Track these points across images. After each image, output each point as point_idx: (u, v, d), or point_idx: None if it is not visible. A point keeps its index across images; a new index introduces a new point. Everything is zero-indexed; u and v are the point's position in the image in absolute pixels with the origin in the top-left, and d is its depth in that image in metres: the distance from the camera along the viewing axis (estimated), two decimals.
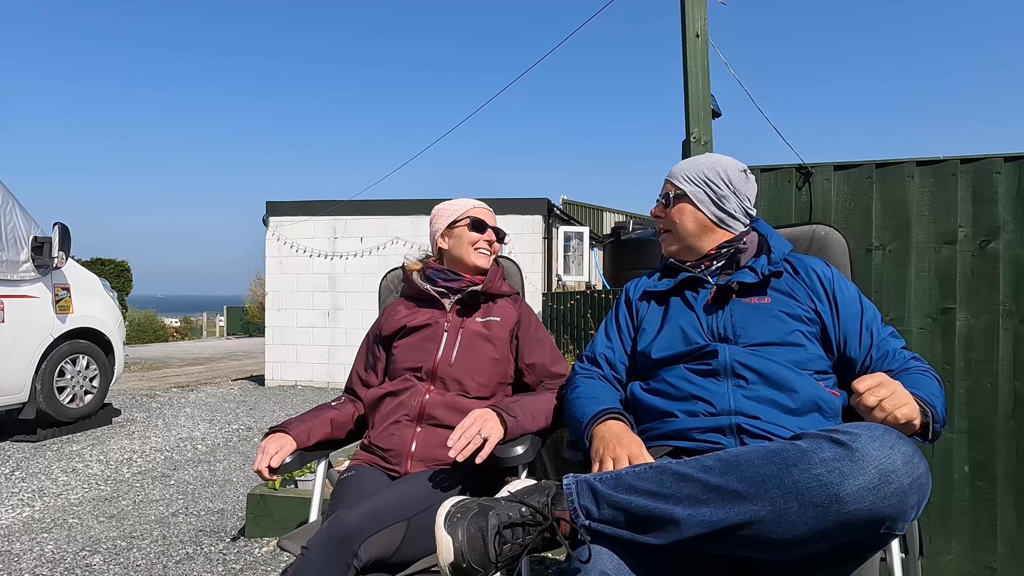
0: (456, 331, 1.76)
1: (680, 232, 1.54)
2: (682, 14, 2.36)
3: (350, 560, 1.26)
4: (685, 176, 1.54)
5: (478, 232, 1.83)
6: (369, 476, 1.62)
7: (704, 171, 1.53)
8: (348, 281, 8.92)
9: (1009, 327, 2.10)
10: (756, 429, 1.26)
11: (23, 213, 4.99)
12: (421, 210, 8.69)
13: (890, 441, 0.92)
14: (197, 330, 24.19)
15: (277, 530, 3.01)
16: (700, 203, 1.51)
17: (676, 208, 1.54)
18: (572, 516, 1.05)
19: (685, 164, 1.57)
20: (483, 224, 1.84)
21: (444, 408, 1.67)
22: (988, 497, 2.13)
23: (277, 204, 9.13)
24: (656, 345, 1.46)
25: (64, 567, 2.73)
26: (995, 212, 2.11)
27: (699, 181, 1.52)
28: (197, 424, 5.93)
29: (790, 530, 0.92)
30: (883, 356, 1.37)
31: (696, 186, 1.52)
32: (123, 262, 17.54)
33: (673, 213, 1.54)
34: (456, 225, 1.84)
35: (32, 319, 5.01)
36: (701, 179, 1.52)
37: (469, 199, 1.90)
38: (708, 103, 2.34)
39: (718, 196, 1.51)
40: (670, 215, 1.55)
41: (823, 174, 2.27)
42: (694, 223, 1.52)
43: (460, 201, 1.88)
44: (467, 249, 1.82)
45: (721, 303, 1.44)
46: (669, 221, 1.56)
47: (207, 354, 13.99)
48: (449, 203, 1.88)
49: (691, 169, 1.54)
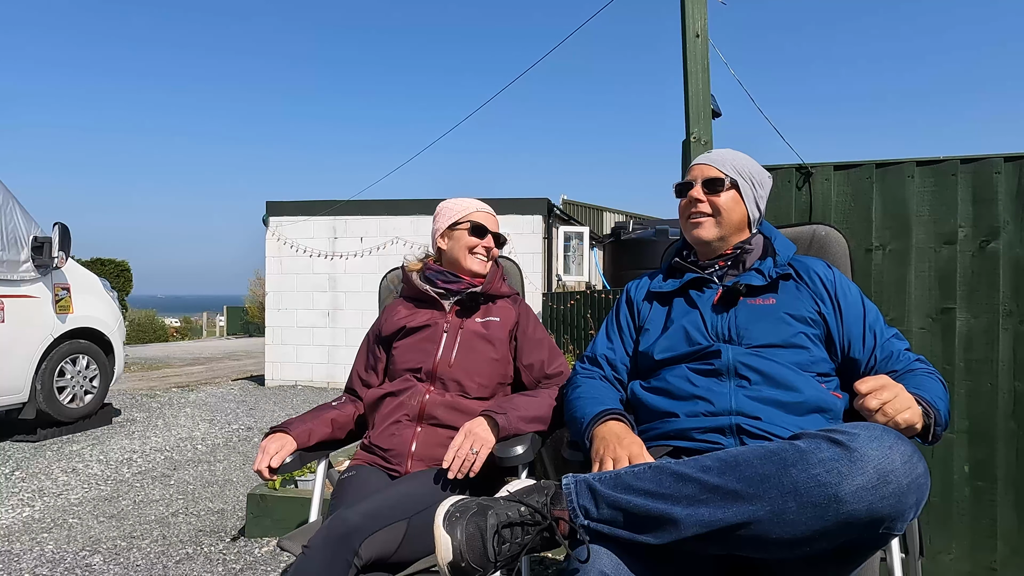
0: (455, 332, 1.76)
1: (725, 221, 1.48)
2: (682, 14, 2.36)
3: (350, 559, 1.26)
4: (735, 168, 1.50)
5: (477, 237, 1.82)
6: (369, 476, 1.62)
7: (750, 169, 1.51)
8: (348, 281, 8.92)
9: (1009, 327, 2.10)
10: (756, 430, 1.26)
11: (23, 213, 4.99)
12: (421, 210, 8.69)
13: (888, 441, 0.92)
14: (197, 330, 24.20)
15: (277, 530, 3.01)
16: (747, 198, 1.50)
17: (729, 195, 1.48)
18: (571, 516, 1.05)
19: (729, 155, 1.52)
20: (484, 229, 1.82)
21: (444, 408, 1.67)
22: (988, 497, 2.12)
23: (277, 204, 9.12)
24: (659, 346, 1.46)
25: (64, 567, 2.73)
26: (995, 212, 2.11)
27: (747, 177, 1.50)
28: (197, 424, 5.93)
29: (789, 530, 0.92)
30: (887, 357, 1.37)
31: (746, 181, 1.50)
32: (123, 262, 17.55)
33: (723, 200, 1.48)
34: (457, 227, 1.83)
35: (32, 319, 5.01)
36: (748, 175, 1.50)
37: (475, 200, 1.87)
38: (708, 103, 2.34)
39: (758, 197, 1.51)
40: (719, 201, 1.48)
41: (823, 174, 2.27)
42: (739, 217, 1.49)
43: (465, 202, 1.86)
44: (464, 253, 1.81)
45: (727, 305, 1.44)
46: (716, 207, 1.48)
47: (207, 354, 13.99)
48: (454, 202, 1.87)
49: (738, 161, 1.51)
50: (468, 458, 1.49)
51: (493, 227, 1.86)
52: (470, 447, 1.50)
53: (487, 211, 1.88)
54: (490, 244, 1.84)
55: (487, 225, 1.84)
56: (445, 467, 1.49)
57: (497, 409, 1.57)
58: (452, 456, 1.49)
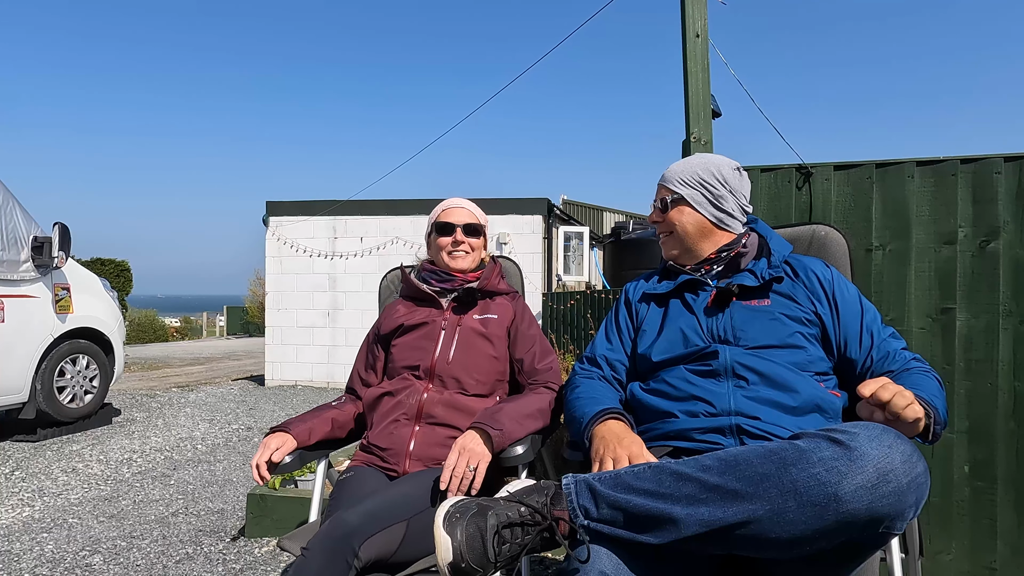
0: (453, 329, 1.77)
1: (680, 234, 1.52)
2: (682, 14, 2.36)
3: (350, 560, 1.26)
4: (679, 179, 1.52)
5: (445, 235, 1.82)
6: (367, 477, 1.62)
7: (698, 172, 1.51)
8: (348, 281, 8.92)
9: (1009, 327, 2.10)
10: (756, 430, 1.26)
11: (23, 213, 4.99)
12: (421, 210, 8.69)
13: (888, 440, 0.92)
14: (197, 330, 24.19)
15: (277, 530, 3.01)
16: (698, 205, 1.50)
17: (675, 211, 1.52)
18: (571, 516, 1.05)
19: (678, 167, 1.55)
20: (449, 226, 1.82)
21: (442, 406, 1.67)
22: (988, 497, 2.12)
23: (277, 204, 9.13)
24: (656, 347, 1.46)
25: (64, 567, 2.73)
26: (995, 212, 2.11)
27: (694, 183, 1.51)
28: (197, 424, 5.93)
29: (788, 529, 0.92)
30: (884, 357, 1.37)
31: (692, 188, 1.51)
32: (123, 262, 17.55)
33: (672, 216, 1.53)
34: (432, 232, 1.87)
35: (32, 319, 5.01)
36: (696, 181, 1.51)
37: (450, 199, 1.89)
38: (708, 103, 2.34)
39: (715, 196, 1.50)
40: (668, 218, 1.54)
41: (823, 174, 2.27)
42: (694, 225, 1.51)
43: (442, 204, 1.89)
44: (440, 255, 1.84)
45: (721, 306, 1.44)
46: (668, 224, 1.54)
47: (207, 354, 13.99)
48: (436, 208, 1.90)
49: (684, 172, 1.53)
50: (466, 476, 1.42)
51: (460, 219, 1.83)
52: (466, 464, 1.43)
53: (456, 206, 1.87)
54: (460, 238, 1.82)
55: (452, 220, 1.83)
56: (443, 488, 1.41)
57: (491, 424, 1.48)
58: (448, 476, 1.41)
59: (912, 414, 1.08)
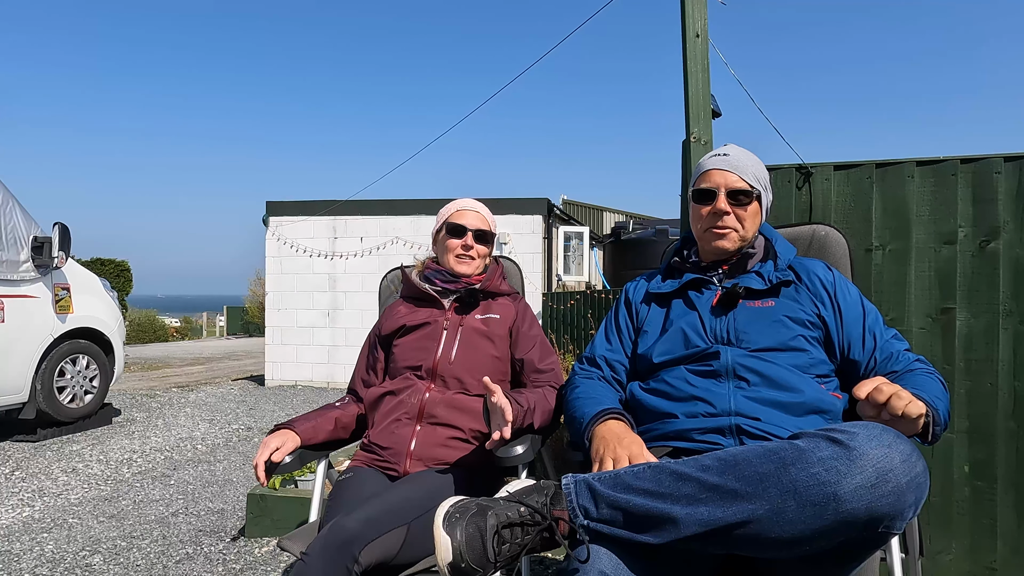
0: (455, 329, 1.76)
1: (748, 232, 1.47)
2: (682, 14, 2.36)
3: (350, 566, 1.25)
4: (756, 177, 1.46)
5: (455, 238, 1.81)
6: (367, 478, 1.62)
7: (766, 175, 1.49)
8: (348, 281, 8.92)
9: (1009, 327, 2.10)
10: (756, 430, 1.26)
11: (23, 213, 4.99)
12: (421, 210, 8.69)
13: (888, 440, 0.92)
14: (197, 330, 24.19)
15: (277, 530, 3.01)
16: (765, 208, 1.49)
17: (753, 208, 1.46)
18: (571, 516, 1.05)
19: (749, 161, 1.47)
20: (460, 229, 1.81)
21: (444, 406, 1.67)
22: (988, 497, 2.12)
23: (277, 204, 9.13)
24: (657, 348, 1.46)
25: (64, 567, 2.73)
26: (995, 212, 2.11)
27: (765, 185, 1.49)
28: (197, 424, 5.93)
29: (788, 529, 0.92)
30: (887, 358, 1.37)
31: (765, 191, 1.49)
32: (123, 262, 17.54)
33: (748, 213, 1.46)
34: (441, 231, 1.85)
35: (32, 319, 5.01)
36: (765, 184, 1.49)
37: (463, 200, 1.87)
38: (708, 103, 2.34)
39: (768, 203, 1.51)
40: (744, 213, 1.45)
41: (823, 174, 2.27)
42: (755, 228, 1.48)
43: (453, 203, 1.86)
44: (447, 256, 1.82)
45: (726, 307, 1.43)
46: (741, 219, 1.45)
47: (207, 354, 13.99)
48: (445, 206, 1.88)
49: (758, 170, 1.48)
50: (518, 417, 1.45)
51: (473, 224, 1.81)
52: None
53: (469, 208, 1.85)
54: (470, 242, 1.80)
55: (464, 224, 1.81)
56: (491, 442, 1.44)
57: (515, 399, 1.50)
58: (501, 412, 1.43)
59: (915, 410, 1.07)
